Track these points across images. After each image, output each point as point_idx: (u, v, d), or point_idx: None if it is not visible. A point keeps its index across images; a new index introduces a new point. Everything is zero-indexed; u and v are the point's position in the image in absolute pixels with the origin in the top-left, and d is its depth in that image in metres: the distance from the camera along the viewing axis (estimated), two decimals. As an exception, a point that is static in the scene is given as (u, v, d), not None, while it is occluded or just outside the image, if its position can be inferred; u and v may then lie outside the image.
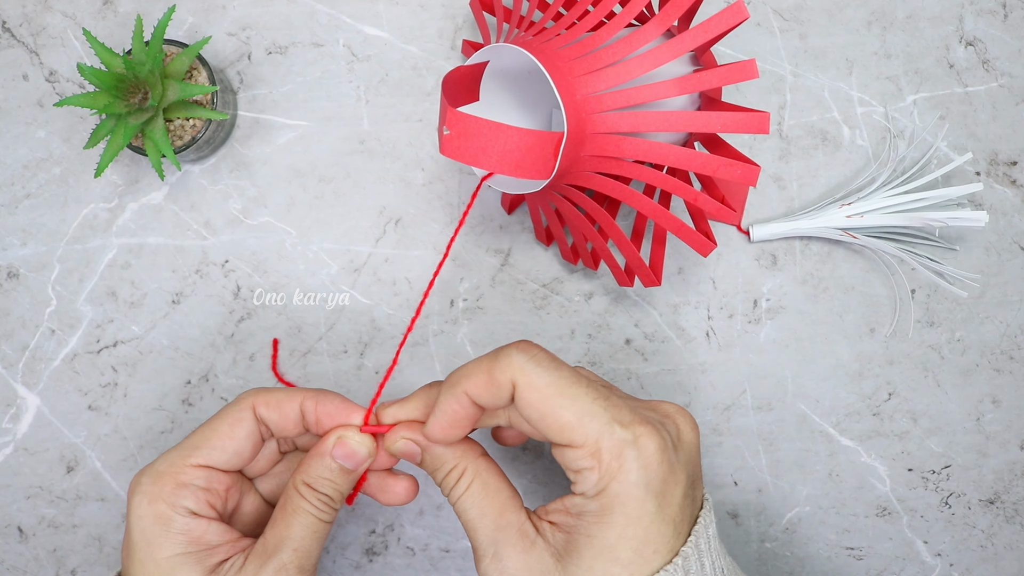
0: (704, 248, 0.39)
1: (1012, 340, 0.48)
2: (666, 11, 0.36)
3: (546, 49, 0.37)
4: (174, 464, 0.35)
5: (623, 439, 0.30)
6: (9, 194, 0.49)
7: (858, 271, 0.48)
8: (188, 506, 0.34)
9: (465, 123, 0.34)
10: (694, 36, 0.35)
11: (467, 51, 0.46)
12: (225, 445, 0.35)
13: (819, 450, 0.48)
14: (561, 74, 0.36)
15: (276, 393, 0.36)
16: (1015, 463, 0.48)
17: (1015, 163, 0.48)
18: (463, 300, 0.49)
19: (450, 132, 0.34)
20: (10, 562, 0.49)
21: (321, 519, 0.35)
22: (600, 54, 0.36)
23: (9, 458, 0.49)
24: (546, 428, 0.31)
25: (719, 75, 0.36)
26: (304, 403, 0.36)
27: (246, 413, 0.36)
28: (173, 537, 0.34)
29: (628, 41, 0.36)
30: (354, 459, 0.36)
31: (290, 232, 0.49)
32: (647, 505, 0.30)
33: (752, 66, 0.35)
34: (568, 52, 0.36)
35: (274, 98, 0.49)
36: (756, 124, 0.36)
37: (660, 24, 0.36)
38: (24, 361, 0.49)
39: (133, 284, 0.49)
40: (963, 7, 0.49)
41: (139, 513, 0.34)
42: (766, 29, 0.49)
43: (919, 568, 0.49)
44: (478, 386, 0.32)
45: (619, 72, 0.36)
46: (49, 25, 0.49)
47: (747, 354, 0.48)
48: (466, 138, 0.34)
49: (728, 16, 0.35)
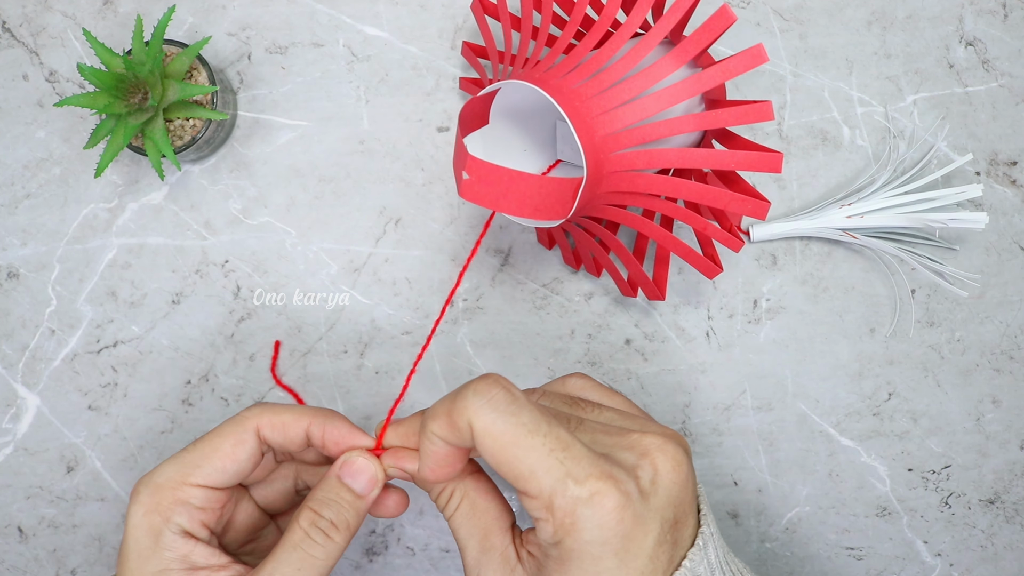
0: (711, 272, 0.40)
1: (1012, 340, 0.48)
2: (683, 46, 0.36)
3: (563, 87, 0.36)
4: (173, 480, 0.34)
5: (576, 497, 0.29)
6: (9, 194, 0.49)
7: (858, 271, 0.48)
8: (181, 524, 0.34)
9: (485, 170, 0.34)
10: (712, 75, 0.35)
11: (467, 54, 0.46)
12: (226, 467, 0.35)
13: (819, 450, 0.48)
14: (579, 115, 0.36)
15: (282, 415, 0.36)
16: (1015, 463, 0.48)
17: (1015, 163, 0.48)
18: (463, 300, 0.49)
19: (469, 177, 0.34)
20: (10, 562, 0.49)
21: (311, 553, 0.33)
22: (616, 91, 0.36)
23: (9, 458, 0.49)
24: (503, 475, 0.31)
25: (735, 115, 0.36)
26: (311, 428, 0.36)
27: (250, 435, 0.35)
28: (160, 552, 0.33)
29: (646, 75, 0.36)
30: (360, 478, 0.35)
31: (290, 232, 0.49)
32: (604, 562, 0.29)
33: (768, 108, 0.35)
34: (585, 90, 0.36)
35: (274, 98, 0.49)
36: (769, 164, 0.36)
37: (677, 56, 0.36)
38: (24, 361, 0.49)
39: (133, 284, 0.49)
40: (963, 7, 0.49)
41: (134, 522, 0.34)
42: (766, 29, 0.49)
43: (919, 568, 0.49)
44: (443, 428, 0.31)
45: (636, 110, 0.36)
46: (49, 25, 0.49)
47: (747, 354, 0.48)
48: (485, 184, 0.34)
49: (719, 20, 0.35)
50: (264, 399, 0.48)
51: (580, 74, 0.37)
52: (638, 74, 0.36)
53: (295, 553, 0.33)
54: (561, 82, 0.36)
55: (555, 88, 0.36)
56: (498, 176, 0.34)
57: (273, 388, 0.49)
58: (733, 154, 0.36)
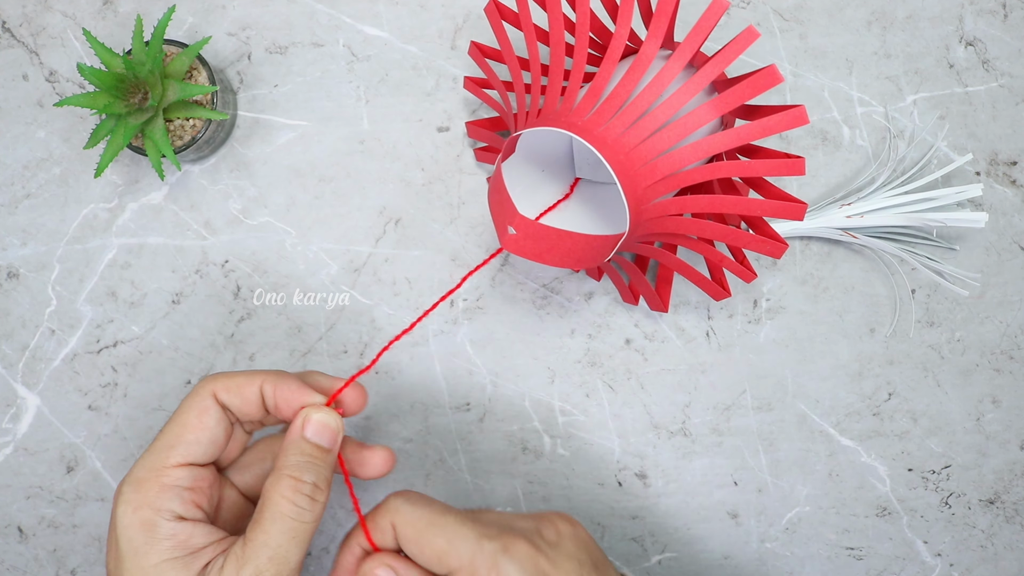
0: (719, 295, 0.42)
1: (1012, 340, 0.48)
2: (724, 97, 0.35)
3: (606, 138, 0.36)
4: (153, 468, 0.34)
5: (493, 549, 0.33)
6: (9, 194, 0.49)
7: (858, 271, 0.48)
8: (174, 509, 0.34)
9: (533, 228, 0.35)
10: (752, 131, 0.35)
11: (475, 54, 0.44)
12: (199, 437, 0.35)
13: (819, 450, 0.48)
14: (624, 169, 0.35)
15: (235, 378, 0.36)
16: (1015, 463, 0.48)
17: (1015, 163, 0.48)
18: (463, 300, 0.49)
19: (516, 232, 0.35)
20: (10, 562, 0.49)
21: (301, 520, 0.34)
22: (656, 140, 0.36)
23: (9, 458, 0.49)
24: (427, 561, 0.34)
25: (770, 167, 0.36)
26: (263, 386, 0.36)
27: (209, 401, 0.36)
28: (159, 543, 0.33)
29: (685, 123, 0.36)
30: (326, 432, 0.36)
31: (290, 232, 0.49)
32: None
33: (800, 164, 0.35)
34: (627, 140, 0.36)
35: (274, 98, 0.49)
36: (792, 212, 0.36)
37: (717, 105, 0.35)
38: (24, 361, 0.49)
39: (133, 284, 0.49)
40: (963, 7, 0.49)
41: (124, 523, 0.33)
42: (766, 29, 0.49)
43: (919, 568, 0.49)
44: (367, 534, 0.35)
45: (675, 160, 0.36)
46: (49, 25, 0.49)
47: (747, 354, 0.48)
48: (532, 240, 0.35)
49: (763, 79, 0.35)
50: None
51: (622, 122, 0.36)
52: (678, 122, 0.36)
53: (285, 523, 0.33)
54: (604, 132, 0.36)
55: (599, 139, 0.35)
56: (545, 234, 0.35)
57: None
58: (760, 202, 0.37)
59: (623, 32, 0.37)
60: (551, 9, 0.39)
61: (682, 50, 0.35)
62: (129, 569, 0.33)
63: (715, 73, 0.35)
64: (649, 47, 0.36)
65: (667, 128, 0.36)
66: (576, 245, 0.36)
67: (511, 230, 0.35)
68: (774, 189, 0.39)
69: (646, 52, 0.36)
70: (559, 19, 0.39)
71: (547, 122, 0.37)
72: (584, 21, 0.38)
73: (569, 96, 0.37)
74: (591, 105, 0.36)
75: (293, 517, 0.34)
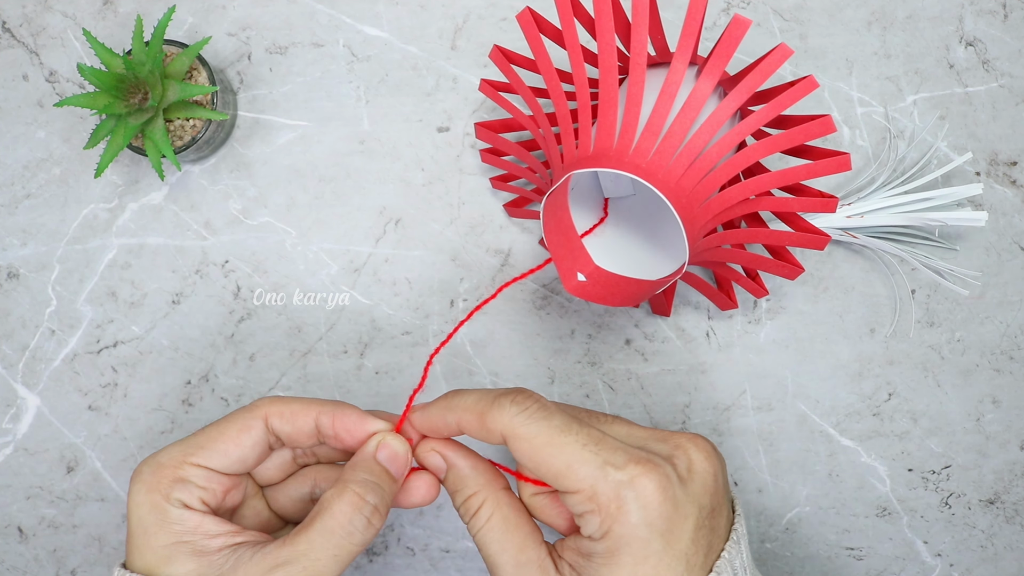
0: (725, 306, 0.45)
1: (1012, 340, 0.48)
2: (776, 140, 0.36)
3: (668, 181, 0.35)
4: (175, 458, 0.34)
5: (618, 481, 0.30)
6: (9, 194, 0.49)
7: (858, 271, 0.48)
8: (182, 499, 0.34)
9: (603, 277, 0.35)
10: (798, 173, 0.36)
11: (498, 58, 0.42)
12: (229, 450, 0.35)
13: (819, 450, 0.48)
14: (685, 210, 0.35)
15: (291, 404, 0.36)
16: (1015, 463, 0.48)
17: (1015, 163, 0.48)
18: (463, 300, 0.49)
19: (585, 280, 0.35)
20: (10, 562, 0.49)
21: (351, 540, 0.33)
22: (712, 178, 0.36)
23: (9, 458, 0.49)
24: (542, 476, 0.32)
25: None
26: (319, 417, 0.35)
27: (257, 422, 0.35)
28: (168, 527, 0.33)
29: (737, 161, 0.36)
30: (397, 461, 0.35)
31: (290, 232, 0.49)
32: (653, 544, 0.30)
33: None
34: (686, 182, 0.35)
35: (274, 98, 0.49)
36: (814, 243, 0.37)
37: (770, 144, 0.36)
38: (24, 361, 0.49)
39: (133, 284, 0.49)
40: (963, 7, 0.49)
41: (137, 501, 0.34)
42: (766, 29, 0.49)
43: (919, 568, 0.49)
44: (470, 425, 0.33)
45: (726, 198, 0.36)
46: (49, 25, 0.49)
47: (747, 354, 0.48)
48: (600, 286, 0.35)
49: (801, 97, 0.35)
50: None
51: (680, 164, 0.35)
52: (731, 162, 0.36)
53: (334, 539, 0.32)
54: (667, 174, 0.35)
55: (662, 182, 0.35)
56: (615, 282, 0.35)
57: (273, 388, 0.49)
58: (791, 234, 0.38)
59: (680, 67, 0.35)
60: (603, 31, 0.36)
61: (738, 91, 0.35)
62: (138, 547, 0.33)
63: (770, 116, 0.35)
64: (703, 86, 0.35)
65: (720, 168, 0.36)
66: (640, 288, 0.36)
67: (580, 276, 0.35)
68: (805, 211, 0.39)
69: (702, 89, 0.35)
70: (611, 43, 0.36)
71: (607, 163, 0.35)
72: (641, 46, 0.36)
73: (625, 134, 0.36)
74: (650, 145, 0.35)
75: (343, 535, 0.32)
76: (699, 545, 0.31)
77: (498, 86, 0.44)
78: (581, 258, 0.36)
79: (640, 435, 0.33)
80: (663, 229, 0.44)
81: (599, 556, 0.31)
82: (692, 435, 0.33)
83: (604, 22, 0.36)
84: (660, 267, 0.41)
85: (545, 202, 0.38)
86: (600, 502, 0.30)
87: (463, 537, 0.49)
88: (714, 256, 0.40)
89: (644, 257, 0.42)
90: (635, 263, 0.42)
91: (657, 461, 0.31)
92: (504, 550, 0.33)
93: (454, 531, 0.48)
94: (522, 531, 0.34)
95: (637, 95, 0.36)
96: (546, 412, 0.32)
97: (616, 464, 0.30)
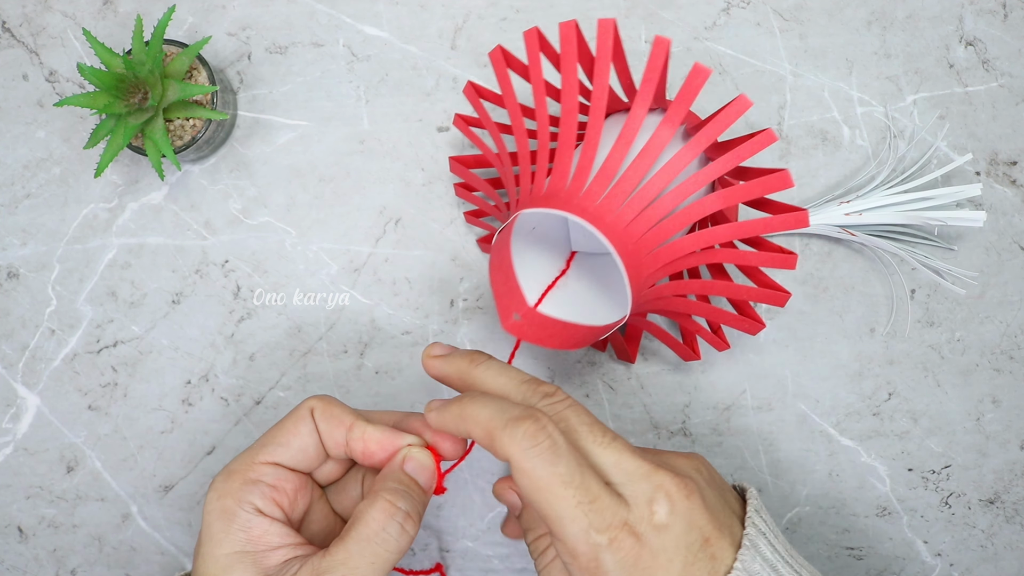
0: (689, 357, 0.45)
1: (1012, 340, 0.48)
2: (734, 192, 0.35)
3: (615, 226, 0.35)
4: (244, 461, 0.36)
5: (597, 543, 0.31)
6: (9, 194, 0.49)
7: (858, 271, 0.48)
8: (254, 502, 0.35)
9: (539, 318, 0.36)
10: (753, 226, 0.35)
11: (470, 94, 0.42)
12: (290, 441, 0.36)
13: (819, 450, 0.48)
14: (630, 256, 0.35)
15: (333, 406, 0.37)
16: (1015, 463, 0.48)
17: (1015, 163, 0.48)
18: (463, 300, 0.49)
19: (521, 319, 0.36)
20: (10, 562, 0.49)
21: (386, 547, 0.34)
22: (662, 228, 0.35)
23: (9, 458, 0.49)
24: (534, 507, 0.33)
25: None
26: (353, 429, 0.36)
27: (305, 413, 0.37)
28: (234, 534, 0.34)
29: (690, 212, 0.35)
30: (424, 472, 0.36)
31: (290, 232, 0.49)
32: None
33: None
34: (634, 229, 0.35)
35: (274, 98, 0.49)
36: (784, 262, 0.37)
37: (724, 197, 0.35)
38: (24, 361, 0.49)
39: (133, 284, 0.49)
40: (963, 7, 0.49)
41: (208, 508, 0.35)
42: (766, 29, 0.49)
43: (919, 568, 0.49)
44: (479, 440, 0.33)
45: (677, 248, 0.36)
46: (49, 25, 0.49)
47: (747, 354, 0.48)
48: (536, 327, 0.36)
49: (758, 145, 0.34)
50: (263, 399, 0.48)
51: (631, 209, 0.35)
52: (684, 211, 0.35)
53: (369, 547, 0.33)
54: (615, 219, 0.35)
55: (609, 226, 0.35)
56: (551, 324, 0.36)
57: (273, 388, 0.49)
58: (749, 289, 0.38)
59: (640, 112, 0.35)
60: (566, 75, 0.36)
61: (696, 140, 0.35)
62: (203, 555, 0.34)
63: (727, 168, 0.35)
64: (664, 132, 0.35)
65: (672, 217, 0.35)
66: (578, 333, 0.37)
67: (516, 316, 0.36)
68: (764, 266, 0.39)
69: (660, 136, 0.35)
70: (574, 86, 0.36)
71: (557, 204, 0.35)
72: (602, 91, 0.35)
73: (579, 177, 0.36)
74: (601, 189, 0.35)
75: (379, 543, 0.33)
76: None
77: (471, 121, 0.44)
78: (517, 299, 0.36)
79: (628, 468, 0.33)
80: (607, 274, 0.43)
81: None
82: (674, 472, 0.33)
83: (568, 62, 0.35)
84: (611, 315, 0.40)
85: (495, 239, 0.38)
86: (581, 562, 0.32)
87: (463, 537, 0.49)
88: (670, 306, 0.39)
89: (600, 305, 0.42)
90: (592, 312, 0.41)
91: (635, 521, 0.32)
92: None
93: (454, 531, 0.49)
94: None
95: (594, 138, 0.35)
96: (554, 456, 0.31)
97: (598, 528, 0.31)
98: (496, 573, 0.49)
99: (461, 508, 0.49)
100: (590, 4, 0.49)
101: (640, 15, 0.49)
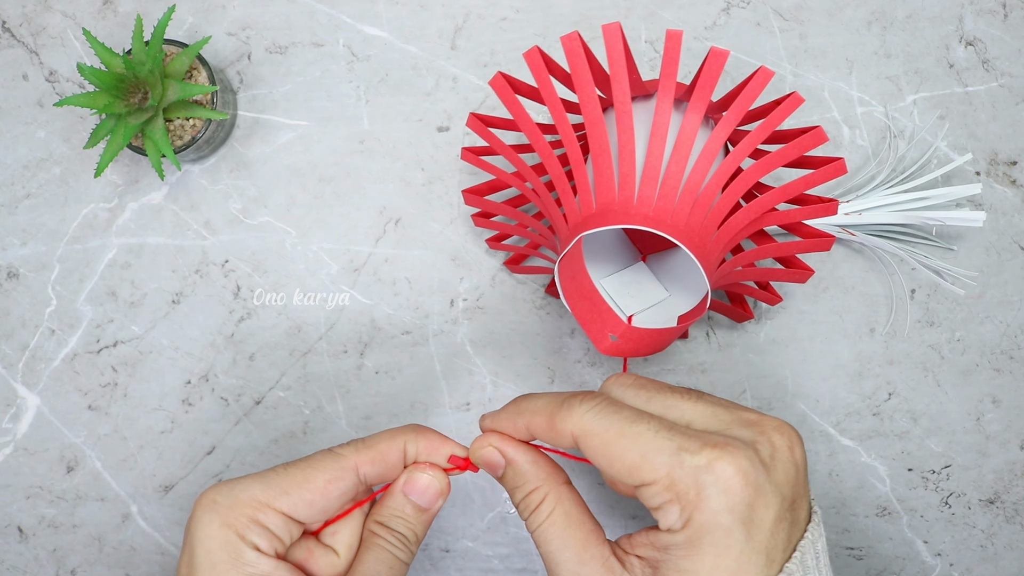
0: (743, 318, 0.46)
1: (1012, 340, 0.48)
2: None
3: (676, 223, 0.35)
4: (255, 498, 0.33)
5: (696, 466, 0.28)
6: (9, 194, 0.49)
7: (858, 271, 0.48)
8: (256, 543, 0.33)
9: (635, 333, 0.36)
10: (797, 184, 0.36)
11: (476, 125, 0.40)
12: (315, 501, 0.34)
13: (819, 450, 0.48)
14: (698, 249, 0.35)
15: (377, 445, 0.35)
16: (1015, 463, 0.48)
17: (1015, 163, 0.48)
18: (463, 300, 0.49)
19: (619, 339, 0.36)
20: (10, 562, 0.49)
21: (396, 555, 0.35)
22: (715, 212, 0.36)
23: (9, 458, 0.49)
24: (616, 473, 0.30)
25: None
26: (406, 447, 0.36)
27: (348, 474, 0.34)
28: (241, 568, 0.32)
29: (735, 189, 0.36)
30: (426, 495, 0.35)
31: (290, 232, 0.49)
32: (735, 534, 0.28)
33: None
34: (692, 220, 0.35)
35: (274, 98, 0.49)
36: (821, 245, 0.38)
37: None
38: (24, 361, 0.49)
39: (133, 284, 0.49)
40: (963, 7, 0.49)
41: (208, 532, 0.32)
42: (766, 29, 0.49)
43: (919, 568, 0.49)
44: (539, 428, 0.32)
45: (735, 225, 0.37)
46: (49, 25, 0.49)
47: (747, 354, 0.48)
48: (632, 341, 0.36)
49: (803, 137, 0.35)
50: (263, 399, 0.48)
51: (685, 204, 0.35)
52: (732, 187, 0.36)
53: (380, 552, 0.35)
54: (673, 218, 0.35)
55: (671, 227, 0.35)
56: (647, 335, 0.36)
57: (273, 388, 0.49)
58: (795, 243, 0.38)
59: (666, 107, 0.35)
60: (582, 89, 0.35)
61: (727, 120, 0.35)
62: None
63: (762, 138, 0.35)
64: (691, 122, 0.35)
65: (723, 197, 0.36)
66: (668, 335, 0.37)
67: (613, 337, 0.35)
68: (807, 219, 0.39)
69: (690, 124, 0.35)
70: (593, 98, 0.35)
71: (615, 218, 0.35)
72: (624, 96, 0.35)
73: (625, 185, 0.35)
74: (652, 192, 0.35)
75: (388, 549, 0.35)
76: (778, 539, 0.30)
77: (479, 151, 0.43)
78: (611, 320, 0.36)
79: (724, 417, 0.31)
80: (673, 265, 0.44)
81: (678, 548, 0.29)
82: (779, 422, 0.31)
83: (581, 76, 0.35)
84: (682, 303, 0.42)
85: (559, 267, 0.38)
86: (678, 490, 0.29)
87: (463, 537, 0.49)
88: (729, 279, 0.40)
89: (672, 298, 0.43)
90: (666, 307, 0.42)
91: (737, 444, 0.29)
92: (566, 547, 0.32)
93: (454, 531, 0.49)
94: (585, 527, 0.33)
95: (629, 144, 0.35)
96: (615, 407, 0.31)
97: (691, 449, 0.29)
98: (496, 573, 0.49)
99: (461, 508, 0.49)
100: (589, 4, 0.49)
101: (640, 15, 0.49)
